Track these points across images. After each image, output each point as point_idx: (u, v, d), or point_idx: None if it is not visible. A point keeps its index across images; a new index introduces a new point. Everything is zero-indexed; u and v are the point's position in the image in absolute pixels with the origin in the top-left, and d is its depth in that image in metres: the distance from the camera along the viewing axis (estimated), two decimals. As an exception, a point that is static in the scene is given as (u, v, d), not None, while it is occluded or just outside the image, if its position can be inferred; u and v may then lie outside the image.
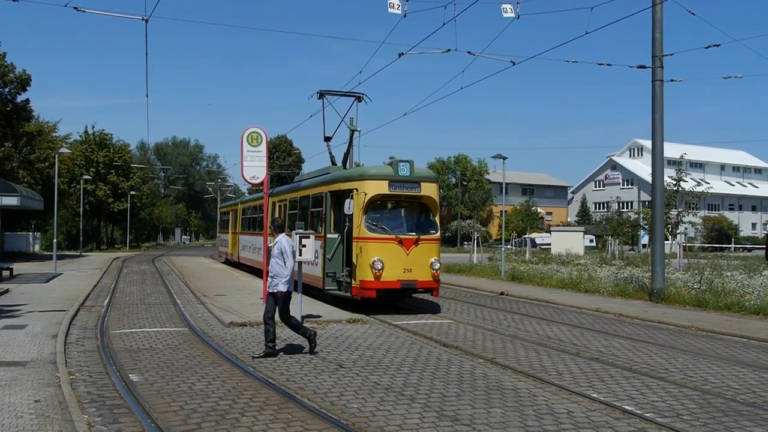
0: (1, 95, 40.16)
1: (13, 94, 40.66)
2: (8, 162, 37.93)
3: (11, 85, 40.20)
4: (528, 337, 12.39)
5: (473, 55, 18.46)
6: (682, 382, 8.72)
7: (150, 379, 8.46)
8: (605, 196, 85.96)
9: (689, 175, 28.01)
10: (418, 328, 13.29)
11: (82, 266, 32.35)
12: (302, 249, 12.85)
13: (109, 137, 62.53)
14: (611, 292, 19.83)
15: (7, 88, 40.23)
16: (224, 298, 17.18)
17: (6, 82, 39.80)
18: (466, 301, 18.90)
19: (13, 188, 30.16)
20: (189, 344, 11.11)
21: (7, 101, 40.28)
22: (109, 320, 13.89)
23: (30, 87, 41.00)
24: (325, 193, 16.79)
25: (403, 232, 15.38)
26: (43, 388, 7.65)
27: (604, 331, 13.17)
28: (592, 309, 16.57)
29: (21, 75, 40.39)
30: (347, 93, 19.58)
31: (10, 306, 15.26)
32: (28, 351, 9.92)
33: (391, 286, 15.03)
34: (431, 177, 16.39)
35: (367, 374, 8.84)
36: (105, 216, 62.96)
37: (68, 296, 17.60)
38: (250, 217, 28.78)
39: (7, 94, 40.41)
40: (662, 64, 17.65)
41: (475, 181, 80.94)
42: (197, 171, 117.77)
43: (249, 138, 16.03)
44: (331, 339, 11.63)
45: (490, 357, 10.20)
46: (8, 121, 40.25)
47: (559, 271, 25.48)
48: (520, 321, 14.68)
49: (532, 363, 9.79)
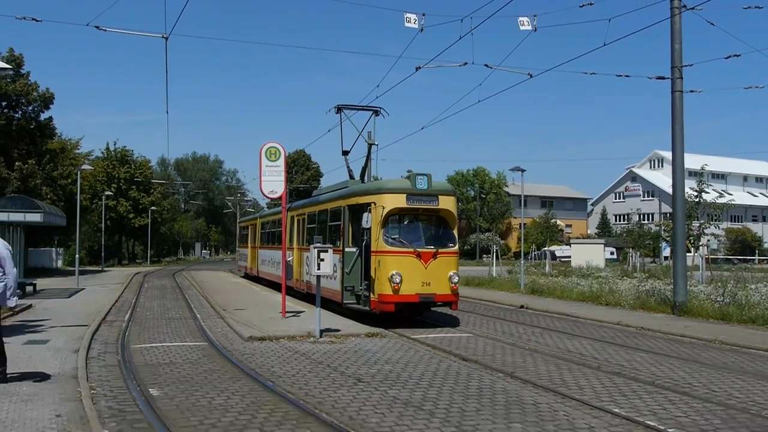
0: (25, 114, 40.91)
1: (37, 113, 41.41)
2: (32, 179, 38.52)
3: (35, 104, 40.94)
4: (548, 350, 12.28)
5: (490, 68, 18.49)
6: (705, 396, 8.58)
7: (170, 394, 8.50)
8: (626, 208, 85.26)
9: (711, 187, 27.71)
10: (437, 342, 13.23)
11: (103, 281, 32.66)
12: (320, 263, 12.92)
13: (130, 153, 63.37)
14: (633, 305, 19.61)
15: (30, 107, 40.97)
16: (243, 313, 17.24)
17: (30, 101, 40.54)
18: (485, 315, 18.79)
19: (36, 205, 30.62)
20: (208, 359, 11.15)
21: (31, 119, 41.01)
22: (130, 335, 14.00)
23: (53, 105, 41.78)
24: (343, 207, 16.84)
25: (422, 245, 15.35)
26: (64, 403, 7.71)
27: (625, 345, 13.02)
28: (613, 322, 16.40)
29: (44, 93, 41.13)
30: (365, 107, 19.66)
31: (33, 321, 15.44)
32: (51, 366, 10.01)
33: (410, 299, 14.99)
34: (449, 190, 16.37)
35: (386, 388, 8.81)
36: (126, 231, 63.63)
37: (90, 311, 17.76)
38: (269, 232, 28.92)
39: (31, 113, 41.14)
40: (681, 75, 17.54)
41: (494, 194, 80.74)
42: (217, 186, 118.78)
43: (267, 153, 16.15)
44: (349, 353, 11.61)
45: (510, 371, 10.12)
46: (32, 139, 40.95)
47: (580, 284, 25.24)
48: (540, 335, 14.56)
49: (553, 377, 9.70)
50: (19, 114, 40.64)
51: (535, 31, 16.24)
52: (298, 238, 21.87)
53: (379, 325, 14.69)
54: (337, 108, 19.30)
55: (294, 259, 21.72)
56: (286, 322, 15.41)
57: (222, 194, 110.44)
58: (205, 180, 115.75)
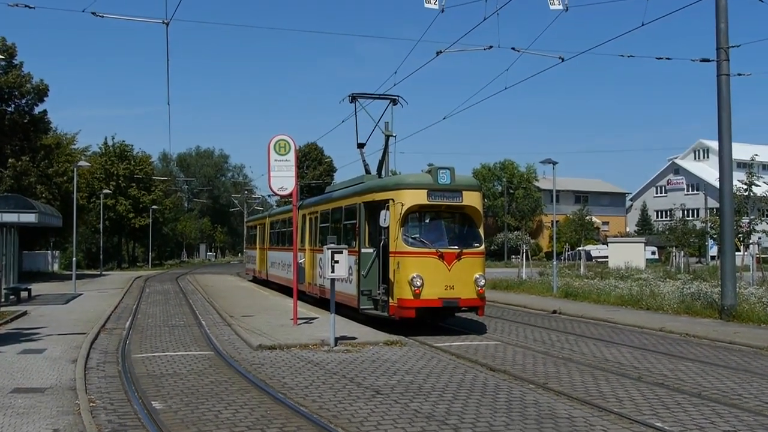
0: (18, 107, 41.35)
1: (30, 106, 41.84)
2: (26, 177, 38.97)
3: (28, 96, 41.37)
4: (584, 359, 12.23)
5: (518, 52, 18.43)
6: (757, 409, 8.49)
7: (174, 407, 8.58)
8: (668, 204, 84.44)
9: (762, 179, 27.36)
10: (462, 350, 13.23)
11: (102, 286, 33.03)
12: (335, 265, 12.95)
13: (129, 149, 63.95)
14: (676, 309, 19.49)
15: (24, 100, 41.40)
16: (252, 319, 17.35)
17: (23, 93, 40.98)
18: (514, 321, 18.76)
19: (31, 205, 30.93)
20: (215, 369, 11.24)
21: (24, 113, 41.45)
22: (130, 344, 14.15)
23: (47, 97, 42.20)
24: (358, 205, 16.87)
25: (445, 245, 15.33)
26: (62, 417, 7.81)
27: (668, 353, 12.94)
28: (655, 328, 16.31)
29: (38, 85, 41.55)
30: (381, 96, 19.67)
31: (28, 329, 15.65)
32: (47, 377, 10.15)
33: (432, 304, 14.99)
34: (474, 185, 16.34)
35: (407, 401, 8.82)
36: (126, 232, 64.27)
37: (88, 318, 17.98)
38: (278, 231, 29.06)
39: (24, 106, 41.58)
40: (728, 57, 17.34)
41: (523, 189, 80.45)
42: (222, 183, 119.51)
43: (276, 146, 16.22)
44: (367, 363, 11.64)
45: (542, 382, 10.09)
46: (26, 134, 41.41)
47: (618, 287, 25.11)
48: (574, 342, 14.50)
49: (589, 389, 9.66)
50: (12, 107, 41.08)
51: (566, 11, 16.15)
52: (311, 239, 21.96)
53: (398, 333, 14.71)
54: (352, 97, 19.33)
55: (306, 261, 21.80)
56: (298, 329, 15.48)
57: (228, 191, 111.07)
58: (210, 176, 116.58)
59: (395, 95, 19.42)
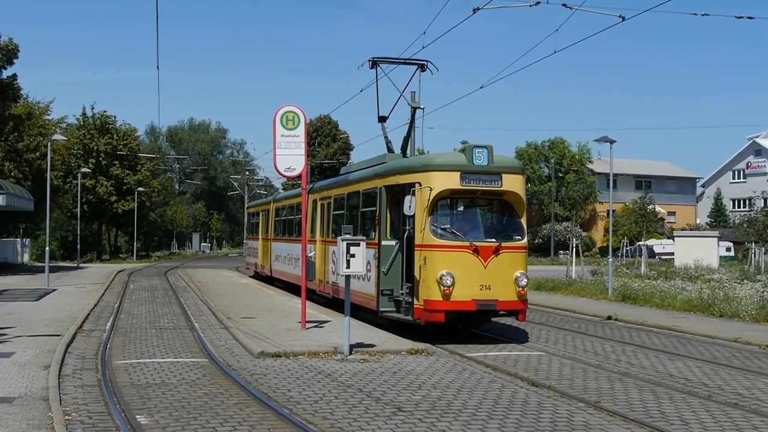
0: (-18, 71, 41.77)
1: (-3, 69, 42.22)
2: (-9, 153, 39.46)
3: (-6, 58, 41.74)
4: (643, 374, 12.20)
5: (570, 9, 18.26)
6: None
7: (161, 422, 8.67)
8: (747, 191, 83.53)
9: None
10: (499, 361, 13.23)
11: (80, 280, 33.38)
12: (350, 260, 12.97)
13: (112, 120, 64.36)
14: (755, 316, 19.37)
15: (-12, 62, 41.78)
16: (253, 322, 17.47)
17: (-12, 55, 41.37)
18: (561, 328, 18.73)
19: (-2, 185, 31.40)
20: (209, 379, 11.33)
21: (-11, 78, 41.85)
22: (112, 348, 14.30)
23: (17, 59, 42.52)
24: (379, 189, 16.88)
25: (480, 238, 15.32)
26: (32, 431, 7.92)
27: (744, 368, 12.87)
28: (729, 339, 16.23)
29: (7, 45, 41.86)
30: (407, 60, 19.62)
31: (-7, 329, 15.86)
32: (16, 385, 10.28)
33: (464, 307, 14.99)
34: (516, 167, 16.27)
35: (434, 420, 8.84)
36: (107, 218, 64.82)
37: (63, 318, 18.19)
38: (285, 219, 29.18)
39: (-11, 70, 41.96)
40: (824, 16, 17.07)
41: (575, 172, 79.93)
42: (219, 161, 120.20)
43: (283, 119, 16.25)
44: (387, 375, 11.67)
45: (594, 400, 10.08)
46: (-9, 103, 41.82)
47: (685, 289, 24.99)
48: (632, 354, 14.46)
49: (649, 408, 9.63)
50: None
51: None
52: (322, 228, 22.02)
53: (424, 340, 14.73)
54: (372, 62, 19.30)
55: (317, 254, 21.88)
56: (307, 334, 15.56)
57: (226, 172, 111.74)
58: (205, 154, 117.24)
59: (424, 60, 19.37)
